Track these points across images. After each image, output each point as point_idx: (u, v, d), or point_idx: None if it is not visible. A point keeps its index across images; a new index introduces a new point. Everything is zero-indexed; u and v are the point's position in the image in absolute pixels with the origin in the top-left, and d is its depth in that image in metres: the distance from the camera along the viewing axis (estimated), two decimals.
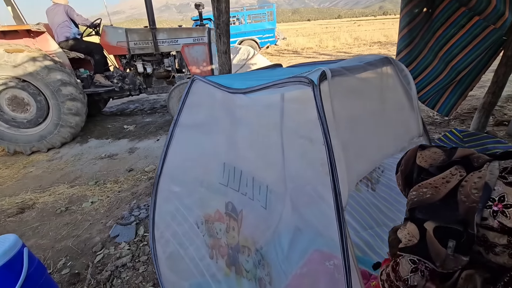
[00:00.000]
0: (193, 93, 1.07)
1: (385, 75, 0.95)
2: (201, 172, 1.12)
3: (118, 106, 6.34)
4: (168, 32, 4.48)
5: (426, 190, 0.61)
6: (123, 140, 4.32)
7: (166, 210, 1.18)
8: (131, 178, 3.21)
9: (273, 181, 0.87)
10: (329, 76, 0.67)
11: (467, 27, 2.66)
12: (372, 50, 12.51)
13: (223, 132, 1.01)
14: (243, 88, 0.86)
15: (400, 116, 1.01)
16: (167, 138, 1.12)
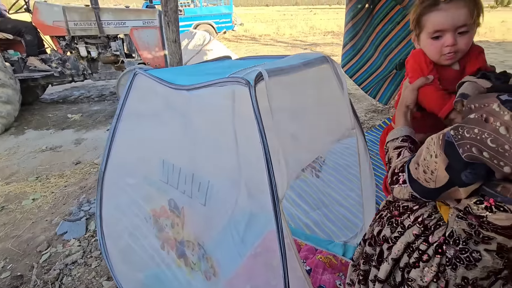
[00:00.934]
0: (135, 87, 1.06)
1: (321, 73, 1.05)
2: (145, 168, 1.13)
3: (59, 93, 5.75)
4: (114, 13, 4.14)
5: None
6: (68, 130, 3.98)
7: (116, 203, 1.18)
8: (79, 171, 3.01)
9: (220, 175, 0.92)
10: (266, 77, 0.74)
11: (401, 23, 2.95)
12: (326, 39, 13.01)
13: (164, 128, 1.03)
14: (186, 85, 0.89)
15: (335, 111, 1.13)
16: (110, 132, 1.11)
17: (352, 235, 1.95)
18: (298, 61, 1.05)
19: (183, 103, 0.92)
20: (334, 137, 1.10)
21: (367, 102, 4.56)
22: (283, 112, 0.83)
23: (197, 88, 0.85)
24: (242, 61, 1.33)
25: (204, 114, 0.90)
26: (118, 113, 1.07)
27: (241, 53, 9.67)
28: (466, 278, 0.63)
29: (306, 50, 10.39)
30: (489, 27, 15.45)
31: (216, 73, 1.07)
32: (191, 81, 0.93)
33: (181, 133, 0.98)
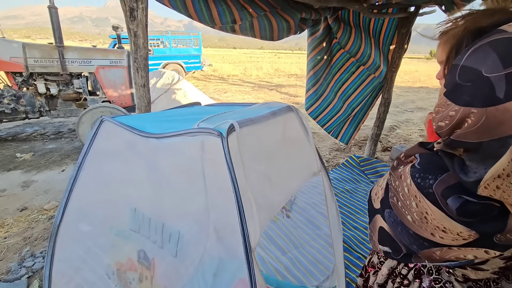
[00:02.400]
0: (101, 134, 1.02)
1: (288, 122, 1.12)
2: (111, 217, 1.05)
3: (9, 129, 5.28)
4: (79, 52, 4.09)
5: None
6: (15, 171, 3.60)
7: (69, 258, 1.05)
8: (24, 219, 2.68)
9: (189, 224, 0.89)
10: (237, 128, 0.77)
11: (356, 73, 3.30)
12: (290, 81, 13.96)
13: (134, 176, 0.99)
14: (155, 133, 0.89)
15: (302, 155, 1.19)
16: (69, 182, 1.03)
17: (324, 278, 1.92)
18: (266, 110, 1.11)
19: (152, 151, 0.91)
20: (302, 179, 1.14)
21: (330, 141, 4.85)
22: (254, 160, 0.86)
23: (167, 136, 0.85)
24: (211, 107, 1.37)
25: (174, 163, 0.89)
26: (80, 161, 1.01)
27: (210, 91, 9.92)
28: None
29: (272, 90, 11.00)
30: (428, 75, 17.85)
31: (185, 120, 1.09)
32: (160, 128, 0.93)
33: (150, 181, 0.94)
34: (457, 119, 0.51)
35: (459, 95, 0.51)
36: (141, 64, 1.68)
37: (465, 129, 0.50)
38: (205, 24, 2.16)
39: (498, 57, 0.45)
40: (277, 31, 2.37)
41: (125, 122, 1.00)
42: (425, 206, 0.57)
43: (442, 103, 0.55)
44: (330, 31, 3.03)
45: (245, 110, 1.19)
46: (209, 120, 1.00)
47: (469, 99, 0.48)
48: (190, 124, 0.95)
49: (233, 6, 2.12)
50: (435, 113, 0.57)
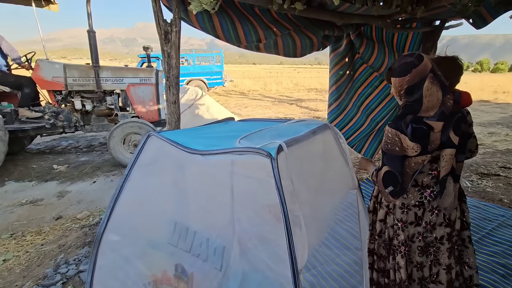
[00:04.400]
0: (148, 149, 1.10)
1: (325, 139, 1.15)
2: (150, 230, 1.10)
3: (47, 143, 5.68)
4: (113, 71, 4.39)
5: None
6: (51, 182, 3.84)
7: (110, 268, 1.11)
8: (59, 227, 2.84)
9: (233, 239, 0.92)
10: (285, 150, 0.81)
11: (379, 88, 3.28)
12: (310, 95, 13.99)
13: (177, 191, 1.05)
14: (202, 150, 0.94)
15: (339, 173, 1.20)
16: (115, 192, 1.11)
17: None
18: (303, 128, 1.15)
19: (197, 167, 0.96)
20: (341, 196, 1.15)
21: (353, 156, 4.75)
22: (299, 180, 0.89)
23: (212, 154, 0.90)
24: (246, 124, 1.42)
25: (218, 179, 0.94)
26: (126, 173, 1.09)
27: (231, 106, 10.16)
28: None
29: (292, 105, 11.05)
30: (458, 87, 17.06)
31: (225, 137, 1.14)
32: (204, 145, 0.98)
33: (194, 196, 0.99)
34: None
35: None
36: (173, 82, 1.79)
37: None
38: (231, 43, 2.27)
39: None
40: (300, 48, 2.44)
41: (170, 137, 1.08)
42: (401, 137, 1.19)
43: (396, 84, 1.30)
44: (352, 47, 3.06)
45: (281, 127, 1.23)
46: (249, 138, 1.05)
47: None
48: (231, 142, 1.00)
49: (258, 26, 2.22)
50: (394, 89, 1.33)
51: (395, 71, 1.30)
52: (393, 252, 1.32)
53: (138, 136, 4.28)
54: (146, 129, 4.24)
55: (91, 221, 2.95)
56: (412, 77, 1.23)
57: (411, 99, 1.23)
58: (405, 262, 1.28)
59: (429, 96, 1.19)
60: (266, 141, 0.98)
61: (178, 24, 1.70)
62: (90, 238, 2.62)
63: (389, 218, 1.32)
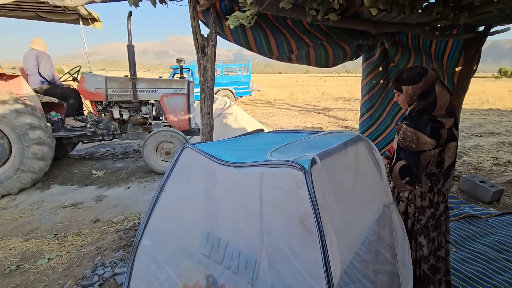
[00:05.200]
0: (182, 160, 1.14)
1: (359, 152, 1.11)
2: (184, 240, 1.13)
3: (87, 149, 6.10)
4: (148, 83, 4.64)
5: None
6: (91, 186, 4.09)
7: (146, 274, 1.14)
8: (96, 230, 3.00)
9: (260, 252, 0.91)
10: (319, 163, 0.79)
11: None
12: (338, 105, 13.71)
13: (210, 202, 1.06)
14: (233, 162, 0.95)
15: (374, 187, 1.15)
16: (151, 202, 1.15)
17: None
18: (335, 140, 1.12)
19: (230, 179, 0.97)
20: (376, 212, 1.10)
21: None
22: (332, 194, 0.86)
23: (245, 166, 0.91)
24: (276, 135, 1.42)
25: (250, 191, 0.94)
26: (163, 183, 1.13)
27: (258, 115, 10.24)
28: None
29: (319, 114, 10.89)
30: (498, 96, 15.91)
31: (257, 149, 1.14)
32: (236, 157, 0.99)
33: (227, 208, 1.00)
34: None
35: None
36: (207, 94, 1.85)
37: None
38: (263, 54, 2.30)
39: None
40: (333, 58, 2.41)
41: (203, 149, 1.10)
42: (418, 135, 1.37)
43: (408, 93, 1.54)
44: (386, 55, 2.97)
45: (311, 139, 1.21)
46: (280, 150, 1.04)
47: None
48: (262, 154, 1.00)
49: (290, 37, 2.23)
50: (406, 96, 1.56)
51: (407, 81, 1.56)
52: (414, 236, 1.57)
53: (170, 144, 4.45)
54: (178, 138, 4.39)
55: (125, 225, 3.08)
56: (424, 84, 1.53)
57: (426, 102, 1.49)
58: (426, 240, 1.55)
59: (442, 98, 1.48)
60: (298, 154, 0.96)
61: (214, 39, 1.76)
62: (124, 242, 2.74)
63: (410, 209, 1.54)
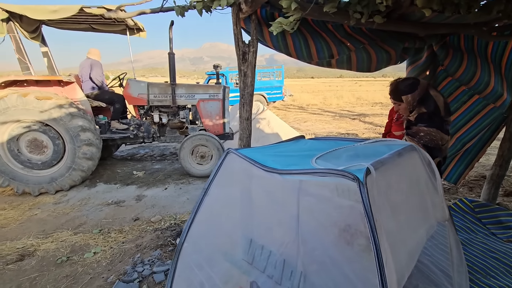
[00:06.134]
0: (226, 165, 1.14)
1: (412, 163, 1.03)
2: (227, 244, 1.13)
3: (129, 150, 6.49)
4: (186, 88, 4.83)
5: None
6: (131, 186, 4.34)
7: (188, 277, 1.16)
8: (136, 228, 3.15)
9: (315, 266, 0.88)
10: (374, 173, 0.74)
11: (468, 103, 2.87)
12: (374, 110, 13.12)
13: (254, 208, 1.05)
14: (279, 169, 0.93)
15: (428, 201, 1.06)
16: (195, 205, 1.16)
17: None
18: (384, 149, 1.05)
19: (274, 186, 0.95)
20: (429, 231, 1.01)
21: None
22: (386, 207, 0.81)
23: (292, 173, 0.89)
24: (319, 142, 1.38)
25: (294, 200, 0.91)
26: (206, 187, 1.14)
27: (290, 121, 10.15)
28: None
29: (355, 120, 10.50)
30: None
31: (301, 156, 1.11)
32: (281, 164, 0.97)
33: (271, 214, 0.99)
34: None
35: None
36: (247, 100, 1.86)
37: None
38: (302, 60, 2.26)
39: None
40: (376, 62, 2.30)
41: (247, 154, 1.10)
42: (440, 134, 1.75)
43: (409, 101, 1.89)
44: (434, 58, 2.77)
45: (357, 147, 1.15)
46: (324, 157, 1.00)
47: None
48: (306, 161, 0.97)
49: (331, 42, 2.17)
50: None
51: (405, 91, 1.86)
52: None
53: (205, 148, 4.57)
54: (212, 142, 4.49)
55: (162, 225, 3.20)
56: (420, 90, 1.82)
57: (430, 107, 1.78)
58: None
59: (438, 100, 1.80)
60: (344, 162, 0.91)
61: (256, 45, 1.77)
62: (161, 242, 2.84)
63: None
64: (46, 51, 4.79)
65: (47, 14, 3.72)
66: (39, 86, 4.21)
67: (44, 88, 4.21)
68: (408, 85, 1.87)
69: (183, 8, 1.58)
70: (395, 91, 1.94)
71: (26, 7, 3.74)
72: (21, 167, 3.99)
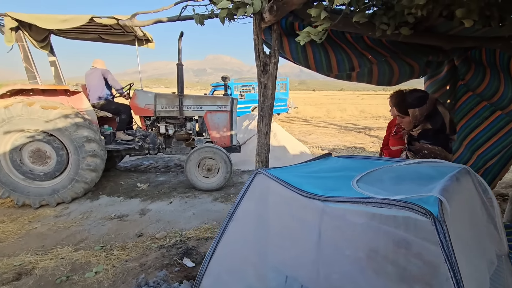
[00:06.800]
0: (255, 187, 1.02)
1: (468, 189, 0.91)
2: (252, 278, 0.98)
3: (132, 161, 6.37)
4: (194, 99, 4.76)
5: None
6: (135, 199, 4.19)
7: None
8: (140, 245, 2.99)
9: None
10: (447, 207, 0.62)
11: (490, 119, 2.76)
12: (379, 123, 13.04)
13: (286, 236, 0.92)
14: (323, 196, 0.81)
15: (485, 232, 0.93)
16: (219, 233, 1.03)
17: None
18: (434, 172, 0.93)
19: (314, 214, 0.83)
20: (490, 267, 0.87)
21: None
22: (456, 246, 0.68)
23: (338, 201, 0.76)
24: (350, 161, 1.26)
25: (349, 234, 0.78)
26: (232, 212, 1.01)
27: (295, 133, 10.05)
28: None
29: (360, 133, 10.40)
30: None
31: (337, 178, 0.99)
32: (321, 188, 0.85)
33: (311, 247, 0.85)
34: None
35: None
36: (266, 113, 1.75)
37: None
38: (321, 72, 2.17)
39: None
40: (398, 76, 2.21)
41: (279, 176, 0.98)
42: (444, 152, 1.67)
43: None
44: (455, 73, 2.68)
45: (398, 168, 1.03)
46: (365, 180, 0.88)
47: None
48: (346, 183, 0.85)
49: (352, 54, 2.09)
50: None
51: (413, 104, 1.72)
52: None
53: (212, 161, 4.44)
54: (220, 155, 4.37)
55: (167, 242, 3.04)
56: (429, 105, 1.69)
57: (437, 124, 1.68)
58: None
59: (445, 116, 1.69)
60: (389, 186, 0.81)
61: (277, 56, 1.68)
62: (167, 261, 2.67)
63: None
64: (54, 60, 4.76)
65: (57, 23, 3.70)
66: (45, 96, 4.15)
67: (50, 98, 4.14)
68: (417, 98, 1.73)
69: (202, 17, 1.50)
70: (401, 103, 1.80)
71: (36, 16, 3.72)
72: (22, 178, 3.86)
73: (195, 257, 2.74)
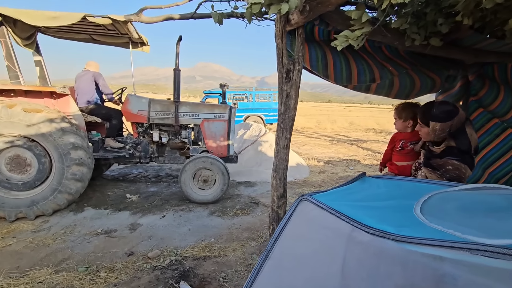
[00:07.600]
0: (299, 217, 0.83)
1: None
2: None
3: (120, 170, 6.01)
4: (191, 107, 4.54)
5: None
6: (124, 212, 3.87)
7: None
8: (131, 265, 2.70)
9: None
10: None
11: (502, 136, 2.70)
12: (369, 136, 13.18)
13: (342, 278, 0.74)
14: (391, 233, 0.63)
15: None
16: (253, 272, 0.83)
17: None
18: (506, 202, 0.78)
19: (390, 261, 0.64)
20: None
21: None
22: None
23: (423, 244, 0.58)
24: (392, 182, 1.10)
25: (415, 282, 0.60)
26: (269, 248, 0.82)
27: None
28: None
29: (353, 145, 10.42)
30: None
31: (394, 208, 0.83)
32: (389, 223, 0.67)
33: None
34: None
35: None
36: (287, 125, 1.58)
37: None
38: (339, 83, 2.03)
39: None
40: (419, 89, 2.10)
41: (328, 203, 0.80)
42: (467, 169, 1.56)
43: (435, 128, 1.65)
44: (468, 89, 2.62)
45: (457, 194, 0.88)
46: (426, 210, 0.72)
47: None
48: (408, 216, 0.69)
49: (373, 65, 1.96)
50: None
51: (437, 117, 1.60)
52: None
53: (208, 171, 4.21)
54: (217, 166, 4.15)
55: (161, 262, 2.76)
56: (455, 123, 1.57)
57: (463, 145, 1.60)
58: None
59: (472, 140, 1.60)
60: (461, 218, 0.68)
61: (301, 62, 1.53)
62: (162, 285, 2.40)
63: None
64: (40, 60, 4.44)
65: (45, 20, 3.42)
66: (28, 97, 3.82)
67: (33, 100, 3.81)
68: (444, 112, 1.59)
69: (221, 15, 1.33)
70: (426, 113, 1.68)
71: (22, 11, 3.44)
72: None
73: (193, 280, 2.49)
